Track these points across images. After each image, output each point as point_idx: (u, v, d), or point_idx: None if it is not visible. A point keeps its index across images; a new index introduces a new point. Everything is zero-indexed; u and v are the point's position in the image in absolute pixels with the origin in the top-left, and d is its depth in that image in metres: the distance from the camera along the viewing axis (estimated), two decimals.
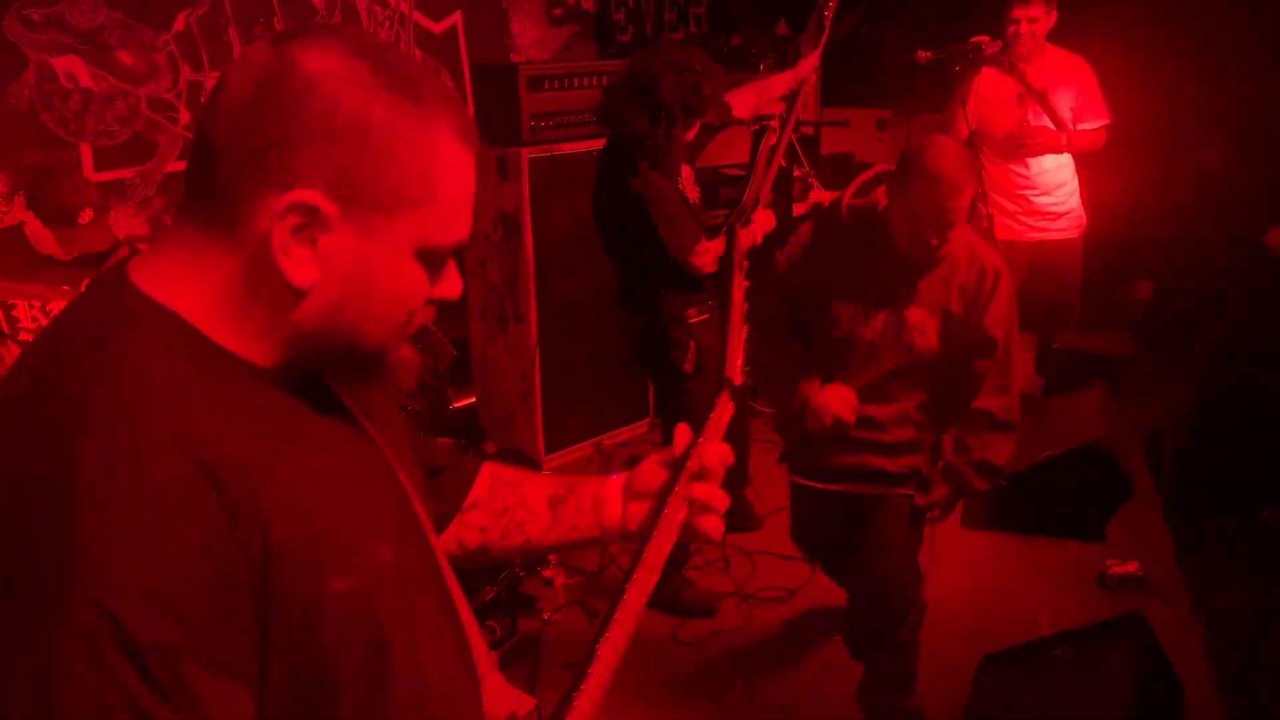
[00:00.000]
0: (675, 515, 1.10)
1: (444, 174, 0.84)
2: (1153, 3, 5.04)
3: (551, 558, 3.25)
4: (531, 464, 4.10)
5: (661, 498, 1.11)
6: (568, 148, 4.04)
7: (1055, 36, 4.18)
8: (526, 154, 3.92)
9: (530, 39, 4.78)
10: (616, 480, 1.20)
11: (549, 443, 4.22)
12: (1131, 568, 3.29)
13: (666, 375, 3.21)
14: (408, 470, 0.98)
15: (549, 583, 3.22)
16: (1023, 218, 4.33)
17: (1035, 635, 2.83)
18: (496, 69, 4.15)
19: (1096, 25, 4.29)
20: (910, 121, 5.66)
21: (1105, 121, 4.20)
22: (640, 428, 4.58)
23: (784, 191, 4.94)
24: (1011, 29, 4.04)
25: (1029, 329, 4.65)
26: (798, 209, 5.13)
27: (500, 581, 2.90)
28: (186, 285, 0.81)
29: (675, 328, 3.13)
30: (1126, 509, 3.61)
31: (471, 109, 4.41)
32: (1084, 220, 4.39)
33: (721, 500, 1.14)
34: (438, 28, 4.45)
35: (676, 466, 1.13)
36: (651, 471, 1.18)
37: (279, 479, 0.78)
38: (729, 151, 4.76)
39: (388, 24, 4.26)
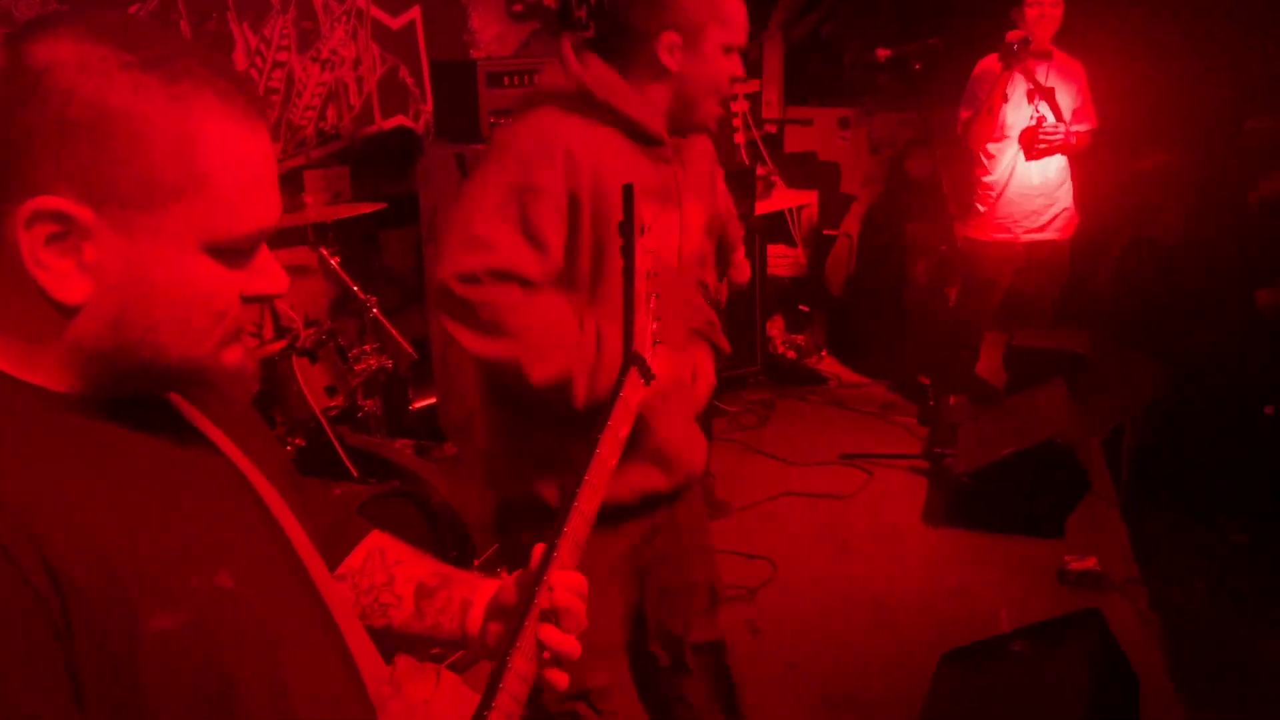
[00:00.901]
0: (531, 640, 0.94)
1: (214, 157, 0.75)
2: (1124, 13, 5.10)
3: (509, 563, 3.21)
4: None
5: (511, 633, 0.94)
6: None
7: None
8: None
9: (491, 34, 4.74)
10: (489, 587, 1.07)
11: None
12: (1090, 563, 3.31)
13: None
14: (270, 476, 0.90)
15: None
16: (1019, 218, 4.35)
17: (995, 631, 2.85)
18: (455, 65, 4.10)
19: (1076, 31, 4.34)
20: (871, 119, 5.68)
21: (1094, 126, 4.26)
22: None
23: (748, 190, 4.94)
24: (1034, 11, 4.05)
25: (1003, 328, 4.69)
26: (761, 207, 5.13)
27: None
28: None
29: None
30: (1085, 505, 3.64)
31: (430, 105, 4.37)
32: (1075, 221, 4.43)
33: (571, 649, 0.96)
34: (396, 23, 4.40)
35: (526, 593, 0.96)
36: (510, 589, 1.02)
37: (72, 519, 0.71)
38: None
39: (345, 19, 4.21)
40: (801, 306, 5.59)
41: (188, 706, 0.75)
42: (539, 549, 1.01)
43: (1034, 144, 4.17)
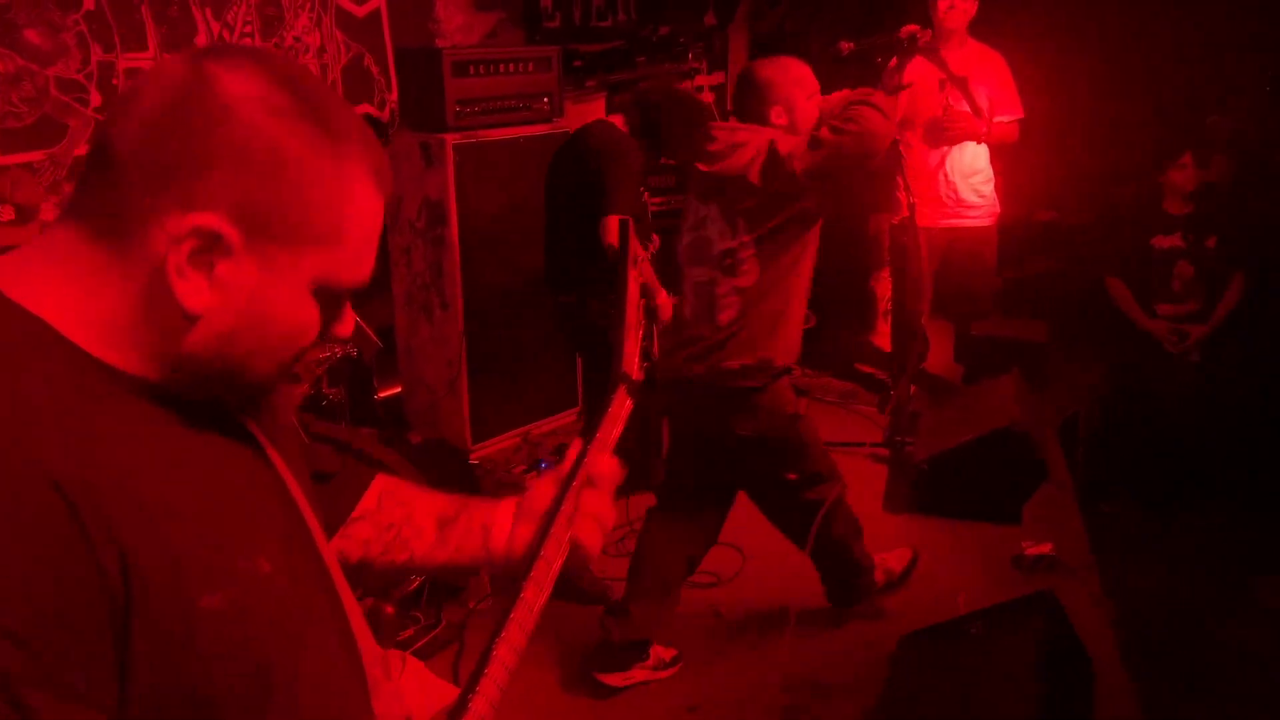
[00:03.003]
0: (564, 532, 1.06)
1: (354, 215, 0.83)
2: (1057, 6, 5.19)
3: None
4: (459, 454, 4.07)
5: (550, 514, 1.06)
6: (494, 134, 4.00)
7: (973, 31, 4.28)
8: (451, 140, 3.88)
9: (456, 24, 4.73)
10: (509, 504, 1.15)
11: (476, 433, 4.19)
12: (1046, 549, 3.38)
13: (594, 355, 3.24)
14: (299, 478, 0.96)
15: (474, 571, 3.20)
16: (940, 204, 4.44)
17: (953, 615, 2.91)
18: (421, 53, 4.10)
19: (1008, 22, 4.41)
20: None
21: (1019, 116, 4.32)
22: (569, 417, 4.57)
23: None
24: (945, 5, 4.12)
25: (946, 317, 4.77)
26: None
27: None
28: (63, 294, 0.78)
29: (603, 302, 3.16)
30: (1042, 492, 3.71)
31: (395, 94, 4.36)
32: (998, 209, 4.51)
33: (608, 511, 1.09)
34: (361, 11, 4.38)
35: (565, 482, 1.10)
36: (543, 491, 1.13)
37: (142, 498, 0.75)
38: None
39: (309, 6, 4.18)
40: None
41: (235, 683, 0.79)
42: (574, 446, 1.12)
43: (938, 132, 4.24)
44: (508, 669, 0.95)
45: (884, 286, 5.24)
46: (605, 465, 1.11)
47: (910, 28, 4.11)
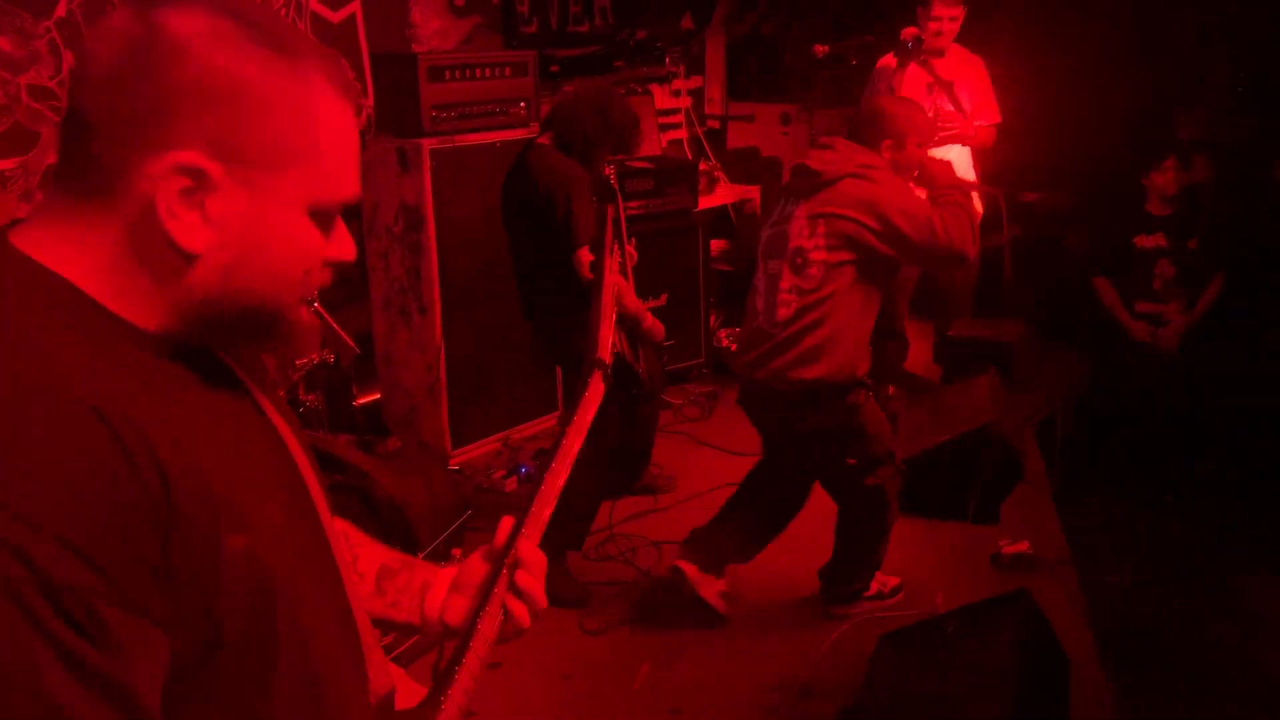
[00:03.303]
0: (497, 610, 1.07)
1: (325, 127, 0.84)
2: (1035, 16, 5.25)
3: (455, 551, 3.22)
4: (439, 459, 4.06)
5: (483, 591, 1.08)
6: (470, 139, 4.00)
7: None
8: (427, 145, 3.88)
9: (432, 29, 4.73)
10: (449, 572, 1.16)
11: (456, 438, 4.18)
12: (1023, 547, 3.40)
13: (576, 369, 3.24)
14: (298, 439, 0.98)
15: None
16: None
17: (932, 614, 2.92)
18: (396, 58, 4.09)
19: (978, 27, 4.46)
20: (812, 115, 5.76)
21: (996, 121, 4.37)
22: (549, 421, 4.57)
23: (690, 186, 4.99)
24: (935, 25, 4.20)
25: (927, 317, 4.79)
26: (703, 202, 5.18)
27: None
28: (70, 251, 0.80)
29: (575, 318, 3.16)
30: (1019, 491, 3.74)
31: (371, 100, 4.35)
32: (980, 212, 4.54)
33: (539, 595, 1.10)
34: (336, 17, 4.37)
35: (497, 559, 1.11)
36: (476, 566, 1.15)
37: (171, 434, 0.77)
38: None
39: (283, 11, 4.16)
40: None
41: (247, 623, 0.81)
42: (506, 523, 1.13)
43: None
44: None
45: None
46: (534, 553, 1.12)
47: (911, 30, 4.17)
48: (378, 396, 4.34)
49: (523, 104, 4.18)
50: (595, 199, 3.18)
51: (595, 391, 1.22)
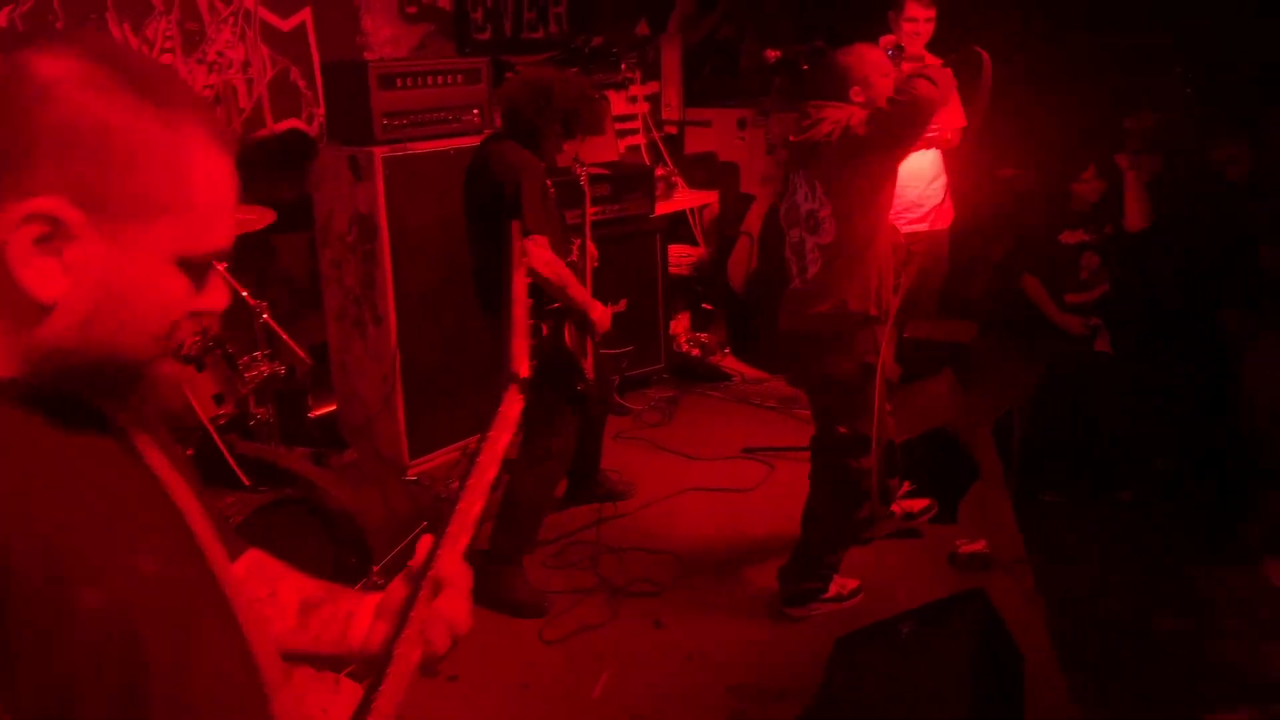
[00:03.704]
0: (415, 635, 1.02)
1: (199, 178, 0.82)
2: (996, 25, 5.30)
3: (412, 563, 3.19)
4: (395, 470, 4.02)
5: (402, 615, 1.02)
6: (422, 146, 3.97)
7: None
8: (379, 153, 3.84)
9: (384, 36, 4.70)
10: (373, 599, 1.11)
11: (413, 448, 4.14)
12: (979, 546, 3.42)
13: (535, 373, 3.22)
14: (183, 475, 0.95)
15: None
16: (899, 211, 4.51)
17: (889, 615, 2.92)
18: (346, 66, 4.06)
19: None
20: (768, 120, 5.77)
21: (962, 124, 4.41)
22: None
23: (647, 191, 4.99)
24: (910, 26, 4.26)
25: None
26: (661, 208, 5.18)
27: (359, 587, 2.83)
28: None
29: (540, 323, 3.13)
30: (975, 491, 3.76)
31: (323, 108, 4.31)
32: (952, 214, 4.60)
33: (462, 618, 1.05)
34: (286, 25, 4.33)
35: (417, 579, 1.05)
36: (400, 588, 1.08)
37: (12, 494, 0.74)
38: (594, 151, 4.78)
39: (231, 20, 4.12)
40: (705, 305, 5.66)
41: (107, 689, 0.78)
42: (425, 542, 1.08)
43: None
44: None
45: None
46: (456, 569, 1.06)
47: (890, 38, 4.21)
48: (334, 408, 4.29)
49: (476, 111, 4.15)
50: (543, 191, 3.15)
51: (511, 407, 1.18)
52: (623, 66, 5.59)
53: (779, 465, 4.24)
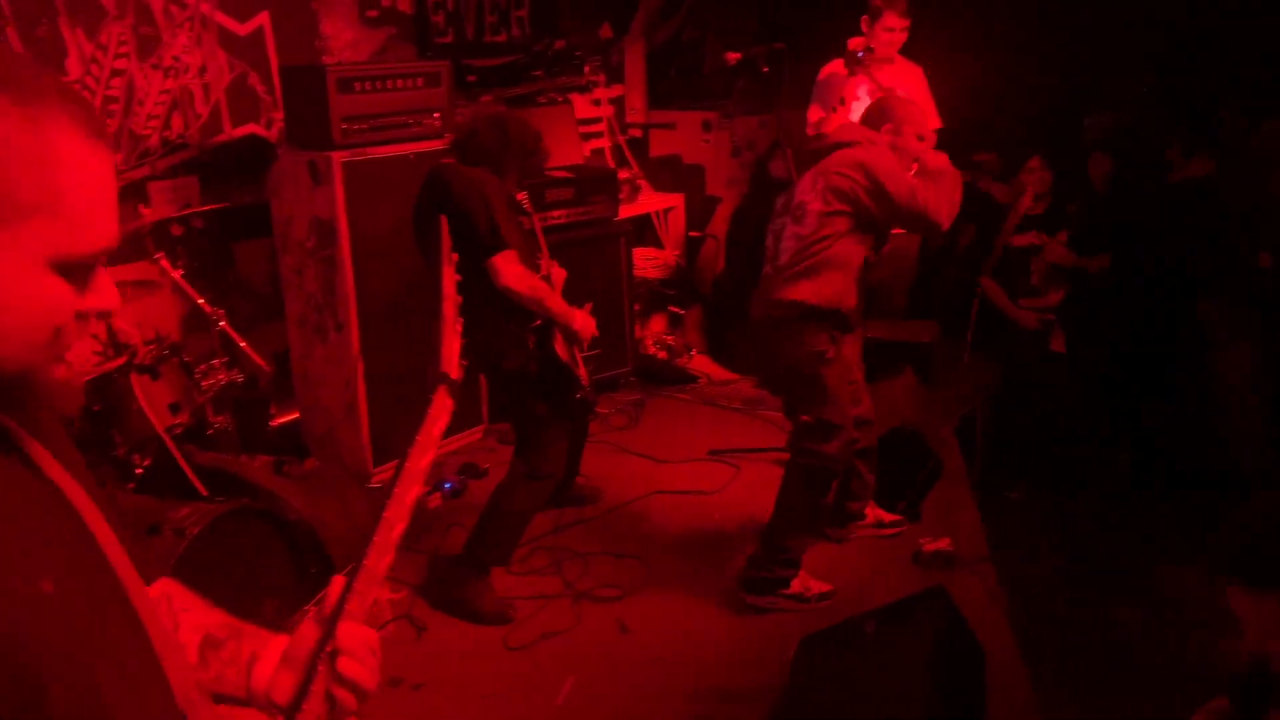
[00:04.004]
0: (321, 693, 1.02)
1: (68, 175, 0.78)
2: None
3: None
4: (356, 478, 3.99)
5: (309, 666, 1.02)
6: (382, 151, 3.94)
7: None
8: (338, 158, 3.81)
9: (344, 41, 4.66)
10: (280, 641, 1.09)
11: (377, 455, 4.11)
12: (944, 544, 3.44)
13: (512, 383, 3.21)
14: (85, 487, 0.91)
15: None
16: None
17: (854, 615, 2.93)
18: (305, 70, 4.01)
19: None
20: (732, 122, 5.79)
21: (937, 126, 4.43)
22: (474, 435, 4.52)
23: (611, 195, 4.98)
24: (888, 35, 4.32)
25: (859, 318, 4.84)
26: (626, 211, 5.17)
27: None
28: None
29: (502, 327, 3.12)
30: (940, 489, 3.78)
31: (281, 113, 4.27)
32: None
33: (368, 679, 1.03)
34: (243, 29, 4.28)
35: (328, 625, 1.04)
36: (307, 635, 1.06)
37: None
38: (559, 154, 4.75)
39: (187, 25, 4.07)
40: (671, 307, 5.66)
41: (4, 703, 0.75)
42: (337, 584, 1.05)
43: None
44: None
45: None
46: (354, 636, 1.04)
47: (859, 40, 4.24)
48: (296, 416, 4.25)
49: (437, 115, 4.13)
50: (510, 205, 3.15)
51: (440, 409, 1.14)
52: (586, 69, 5.58)
53: (745, 467, 4.24)
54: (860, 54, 4.20)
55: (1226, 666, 3.47)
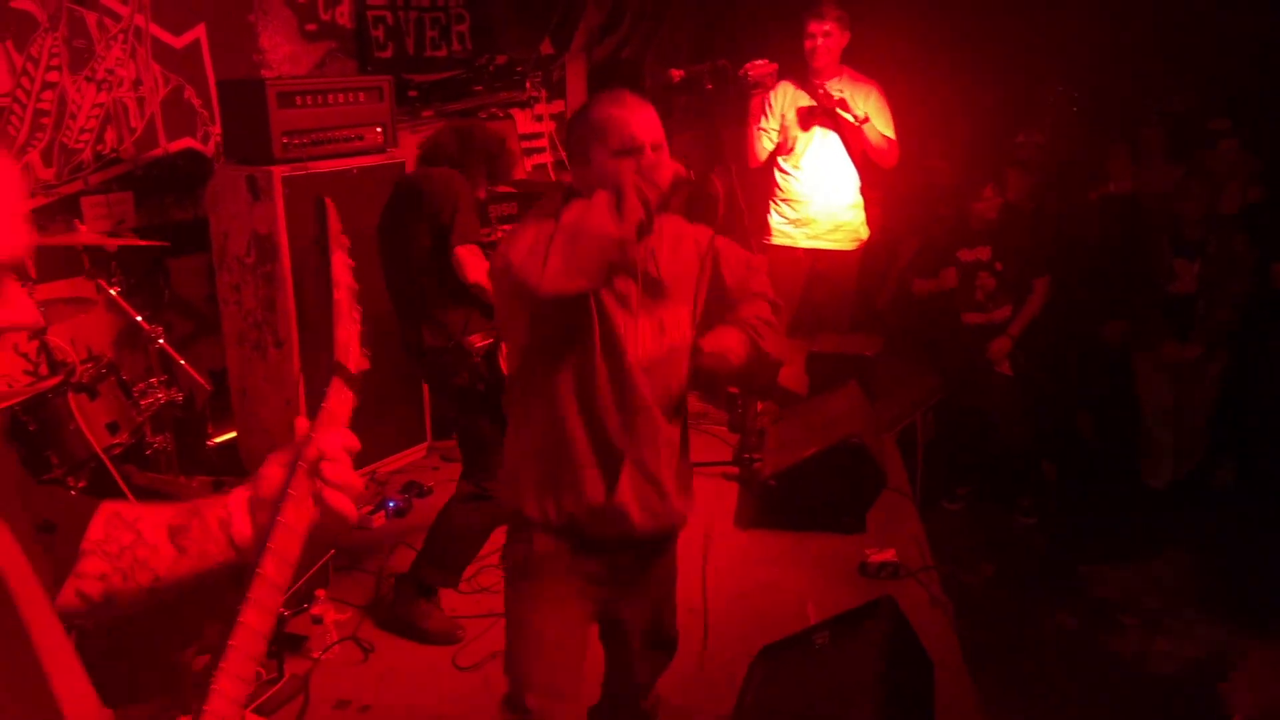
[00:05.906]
0: (299, 515, 1.03)
1: None
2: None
3: (320, 592, 3.11)
4: None
5: (281, 498, 1.04)
6: (323, 166, 3.89)
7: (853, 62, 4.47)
8: (279, 173, 3.76)
9: (283, 54, 4.60)
10: (240, 493, 1.10)
11: None
12: (889, 555, 3.48)
13: (460, 400, 3.17)
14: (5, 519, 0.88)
15: (318, 620, 3.08)
16: (802, 226, 4.62)
17: (804, 626, 2.95)
18: (243, 84, 3.96)
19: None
20: (672, 139, 5.81)
21: (891, 138, 4.51)
22: (418, 453, 4.47)
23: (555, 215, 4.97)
24: (809, 43, 4.35)
25: (801, 335, 4.90)
26: None
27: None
28: None
29: (460, 351, 3.08)
30: (884, 500, 3.83)
31: (219, 127, 4.20)
32: (864, 238, 4.70)
33: (352, 479, 1.07)
34: (179, 42, 4.20)
35: (293, 461, 1.06)
36: (273, 474, 1.09)
37: None
38: None
39: (121, 38, 3.99)
40: None
41: None
42: (302, 423, 1.09)
43: (822, 112, 4.43)
44: (249, 655, 0.92)
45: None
46: (332, 440, 1.07)
47: (755, 65, 4.32)
48: (234, 435, 4.17)
49: (379, 129, 4.09)
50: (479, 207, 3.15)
51: (338, 402, 1.12)
52: (528, 85, 5.59)
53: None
54: (751, 79, 4.31)
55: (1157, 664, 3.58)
